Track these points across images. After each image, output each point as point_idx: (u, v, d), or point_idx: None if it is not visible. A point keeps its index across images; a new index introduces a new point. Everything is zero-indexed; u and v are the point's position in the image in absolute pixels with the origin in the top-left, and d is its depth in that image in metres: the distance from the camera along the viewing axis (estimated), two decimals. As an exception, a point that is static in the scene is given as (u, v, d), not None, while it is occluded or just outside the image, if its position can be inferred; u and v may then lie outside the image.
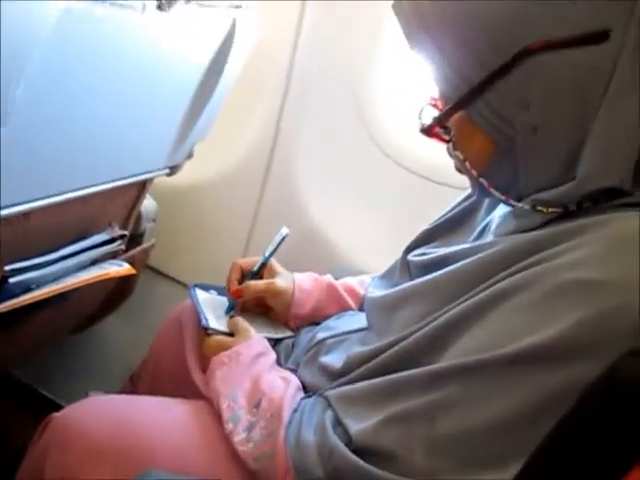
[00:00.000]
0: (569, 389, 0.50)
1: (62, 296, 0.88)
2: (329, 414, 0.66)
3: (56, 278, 0.89)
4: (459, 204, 0.82)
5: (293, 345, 0.91)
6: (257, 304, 0.97)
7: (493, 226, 0.70)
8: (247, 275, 0.96)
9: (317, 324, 0.93)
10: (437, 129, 0.66)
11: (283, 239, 0.98)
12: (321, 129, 1.28)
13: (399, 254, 1.19)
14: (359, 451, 0.60)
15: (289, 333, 0.95)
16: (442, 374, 0.58)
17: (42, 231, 0.86)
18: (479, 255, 0.62)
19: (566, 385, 0.51)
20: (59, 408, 1.35)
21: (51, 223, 0.87)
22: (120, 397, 0.81)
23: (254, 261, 0.97)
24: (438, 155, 1.22)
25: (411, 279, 0.75)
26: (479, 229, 0.74)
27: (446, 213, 0.83)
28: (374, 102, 1.26)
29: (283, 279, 0.94)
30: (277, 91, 1.27)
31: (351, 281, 0.99)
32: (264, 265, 0.96)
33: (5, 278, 0.79)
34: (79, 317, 1.21)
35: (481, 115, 0.61)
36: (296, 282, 0.95)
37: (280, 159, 1.30)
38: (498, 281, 0.58)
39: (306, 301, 0.94)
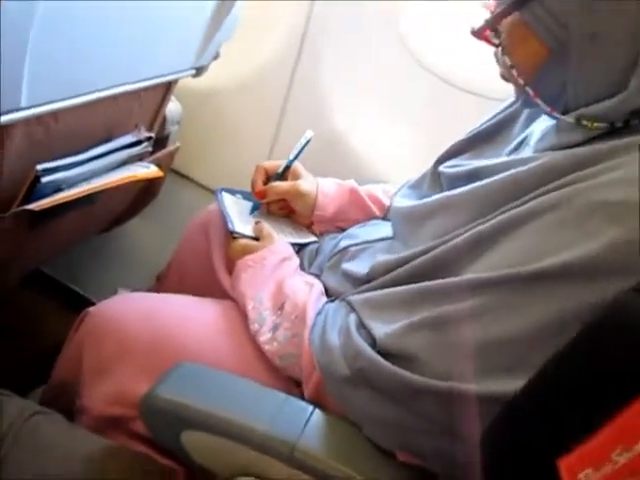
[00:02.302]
0: (593, 308, 0.50)
1: (90, 197, 0.89)
2: (353, 317, 0.69)
3: (85, 179, 0.90)
4: (495, 116, 0.80)
5: (317, 251, 0.93)
6: (281, 207, 0.98)
7: (532, 140, 0.68)
8: (271, 177, 0.97)
9: (341, 231, 0.95)
10: (488, 32, 0.64)
11: (308, 142, 0.97)
12: (350, 32, 1.23)
13: (423, 164, 1.19)
14: (383, 353, 0.63)
15: (313, 239, 0.97)
16: (471, 285, 0.59)
17: (71, 132, 0.86)
18: (516, 169, 0.62)
19: (590, 303, 0.52)
20: (89, 303, 1.43)
21: (79, 124, 0.87)
22: (151, 294, 0.85)
23: (278, 164, 0.97)
24: (471, 63, 1.19)
25: (442, 191, 0.75)
26: (516, 142, 0.72)
27: (481, 125, 0.81)
28: (407, 5, 1.20)
29: (307, 182, 0.95)
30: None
31: (374, 189, 0.99)
32: (288, 168, 0.97)
33: (37, 177, 0.80)
34: (106, 218, 1.23)
35: (536, 17, 0.59)
36: (319, 185, 0.95)
37: (306, 62, 1.26)
38: (534, 198, 0.58)
39: (329, 204, 0.95)
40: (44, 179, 0.81)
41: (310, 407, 0.59)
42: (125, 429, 0.71)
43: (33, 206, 0.78)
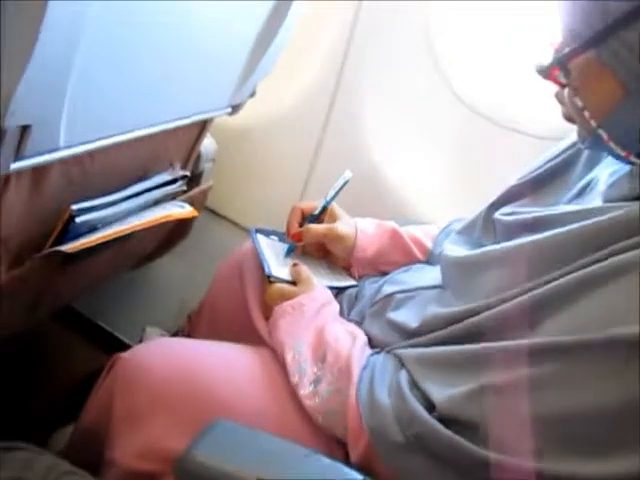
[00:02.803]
0: None
1: (125, 236, 0.88)
2: (404, 375, 0.64)
3: (120, 218, 0.89)
4: (552, 159, 0.75)
5: (356, 296, 0.89)
6: (317, 249, 0.95)
7: (601, 187, 0.64)
8: (307, 219, 0.94)
9: (382, 274, 0.91)
10: (556, 71, 0.60)
11: (346, 183, 0.95)
12: (388, 70, 1.21)
13: (461, 201, 1.15)
14: (441, 419, 0.58)
15: (352, 282, 0.93)
16: (544, 350, 0.54)
17: (106, 171, 0.85)
18: (588, 221, 0.57)
19: None
20: (116, 340, 1.41)
21: (115, 163, 0.86)
22: (184, 340, 0.82)
23: (315, 205, 0.94)
24: (512, 99, 1.17)
25: (496, 239, 0.71)
26: (578, 188, 0.68)
27: (536, 168, 0.77)
28: (447, 40, 1.18)
29: (344, 224, 0.92)
30: (343, 27, 1.20)
31: (415, 231, 0.96)
32: (325, 209, 0.94)
33: (72, 217, 0.79)
34: (138, 255, 1.21)
35: (615, 55, 0.55)
36: (358, 225, 0.92)
37: (343, 100, 1.24)
38: (614, 254, 0.53)
39: (369, 244, 0.91)
40: (79, 219, 0.80)
41: (360, 477, 0.55)
42: (156, 486, 0.67)
43: (66, 248, 0.77)
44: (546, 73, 0.61)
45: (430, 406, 0.60)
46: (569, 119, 0.63)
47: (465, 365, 0.60)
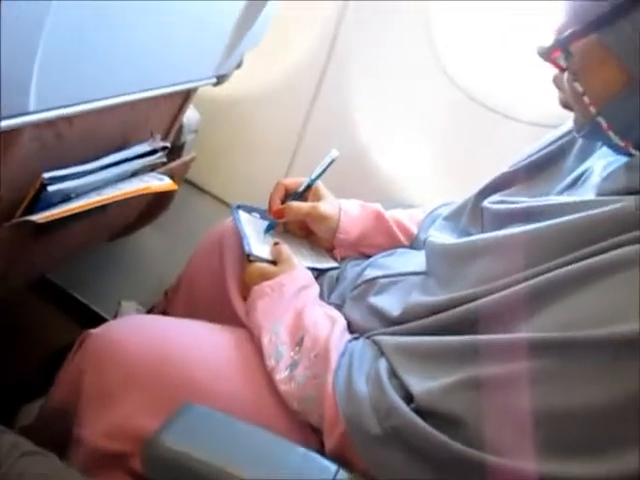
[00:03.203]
0: None
1: (101, 207, 0.84)
2: (383, 364, 0.62)
3: (95, 188, 0.85)
4: (544, 147, 0.73)
5: (338, 278, 0.87)
6: (300, 227, 0.92)
7: (595, 178, 0.62)
8: (291, 196, 0.91)
9: (364, 257, 0.89)
10: (557, 53, 0.57)
11: (332, 162, 0.92)
12: (382, 48, 1.18)
13: (448, 186, 1.13)
14: (420, 412, 0.56)
15: (334, 264, 0.91)
16: (537, 344, 0.52)
17: (84, 138, 0.81)
18: (582, 214, 0.55)
19: None
20: (92, 313, 1.39)
21: (92, 130, 0.82)
22: (158, 318, 0.79)
23: (299, 182, 0.92)
24: (506, 84, 1.14)
25: (483, 227, 0.69)
26: (571, 178, 0.66)
27: (527, 156, 0.75)
28: (444, 22, 1.14)
29: (328, 204, 0.89)
30: (335, 5, 1.16)
31: (400, 214, 0.94)
32: (309, 187, 0.91)
33: (44, 186, 0.75)
34: (115, 227, 1.18)
35: (620, 39, 0.53)
36: (342, 207, 0.90)
37: (334, 75, 1.21)
38: (610, 248, 0.51)
39: (352, 227, 0.89)
40: (51, 188, 0.76)
41: (333, 467, 0.53)
42: (123, 466, 0.65)
43: (36, 218, 0.73)
44: (546, 55, 0.58)
45: (409, 397, 0.58)
46: (566, 105, 0.61)
47: (447, 357, 0.58)
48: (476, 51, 1.14)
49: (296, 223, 0.92)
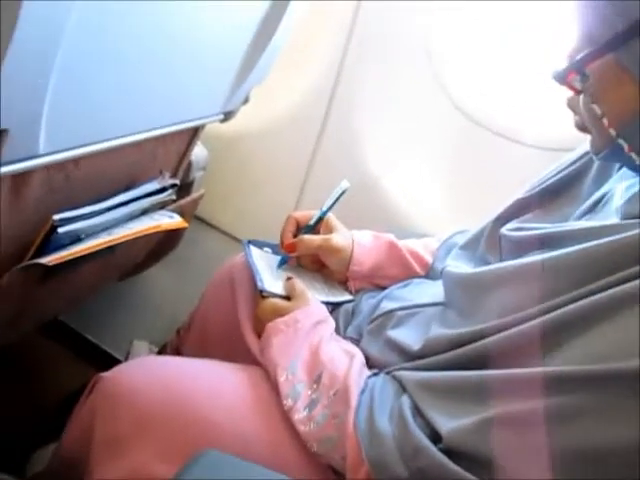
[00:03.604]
0: None
1: (111, 247, 0.84)
2: (406, 401, 0.60)
3: (106, 228, 0.85)
4: (560, 171, 0.72)
5: (353, 311, 0.85)
6: (312, 261, 0.91)
7: (617, 202, 0.60)
8: (302, 229, 0.90)
9: (379, 289, 0.87)
10: (572, 76, 0.56)
11: (343, 193, 0.91)
12: (385, 78, 1.18)
13: (464, 216, 1.12)
14: (448, 452, 0.54)
15: (348, 297, 0.89)
16: (565, 378, 0.50)
17: (92, 179, 0.81)
18: (607, 239, 0.53)
19: None
20: (103, 354, 1.37)
21: (101, 170, 0.82)
22: (170, 359, 0.77)
23: (311, 214, 0.91)
24: (512, 109, 1.14)
25: (502, 255, 0.67)
26: (590, 202, 0.64)
27: (543, 180, 0.73)
28: (446, 49, 1.15)
29: (340, 236, 0.88)
30: (340, 35, 1.17)
31: (414, 244, 0.92)
32: (321, 219, 0.90)
33: (54, 227, 0.74)
34: (125, 266, 1.17)
35: (637, 58, 0.51)
36: (355, 238, 0.88)
37: (340, 107, 1.21)
38: (635, 276, 0.49)
39: (366, 258, 0.87)
40: (61, 229, 0.76)
41: (358, 513, 0.50)
42: (138, 515, 0.63)
43: (45, 261, 0.72)
44: (562, 78, 0.57)
45: (435, 437, 0.56)
46: (582, 129, 0.60)
47: (473, 393, 0.56)
48: (480, 77, 1.14)
49: (308, 257, 0.90)
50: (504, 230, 0.70)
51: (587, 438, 0.48)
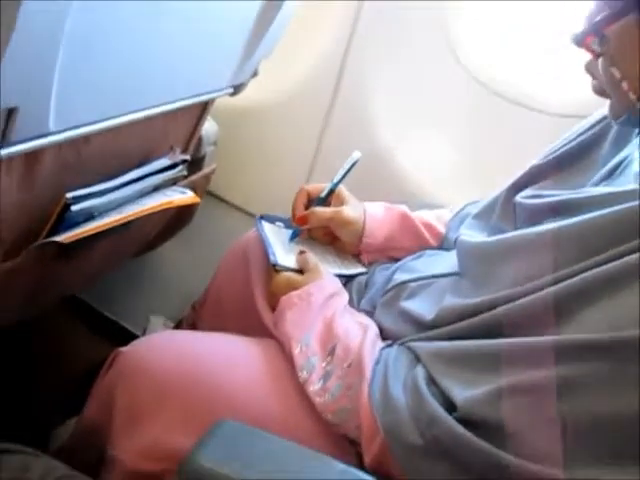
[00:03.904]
0: None
1: (124, 224, 0.84)
2: (420, 371, 0.60)
3: (118, 205, 0.85)
4: (576, 136, 0.70)
5: (366, 284, 0.85)
6: (325, 233, 0.91)
7: (636, 166, 0.58)
8: (314, 201, 0.90)
9: (392, 261, 0.87)
10: (591, 38, 0.55)
11: (354, 164, 0.91)
12: (396, 47, 1.16)
13: (473, 184, 1.11)
14: (463, 420, 0.54)
15: (361, 269, 0.89)
16: (578, 347, 0.50)
17: (104, 156, 0.81)
18: (622, 206, 0.52)
19: None
20: (121, 329, 1.39)
21: (112, 147, 0.82)
22: (187, 333, 0.78)
23: (322, 187, 0.90)
24: (527, 76, 1.11)
25: (517, 224, 0.66)
26: (608, 168, 0.63)
27: (559, 147, 0.72)
28: (460, 16, 1.12)
29: (352, 208, 0.88)
30: (350, 6, 1.15)
31: (427, 215, 0.92)
32: (332, 191, 0.90)
33: (67, 205, 0.75)
34: (139, 242, 1.18)
35: None
36: (367, 210, 0.88)
37: (350, 78, 1.19)
38: None
39: (378, 229, 0.87)
40: (74, 207, 0.76)
41: (375, 483, 0.51)
42: (160, 485, 0.64)
43: (61, 238, 0.73)
44: (580, 41, 0.56)
45: (449, 405, 0.56)
46: (600, 93, 0.59)
47: (487, 362, 0.56)
48: (494, 43, 1.12)
49: (320, 229, 0.90)
50: (519, 198, 0.69)
51: (600, 406, 0.48)
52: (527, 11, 1.09)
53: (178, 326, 1.13)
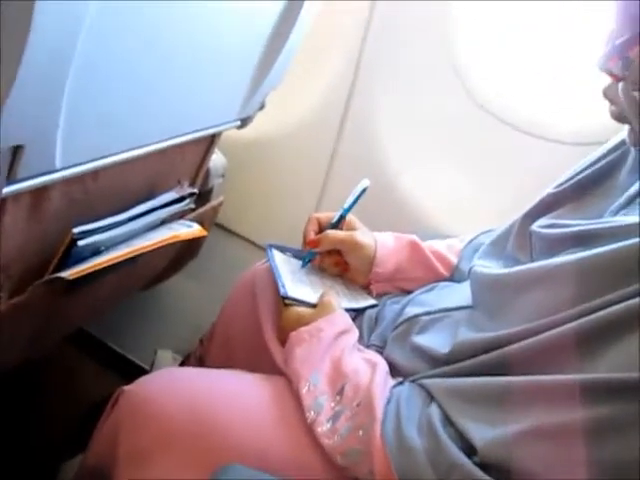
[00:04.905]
0: None
1: (131, 258, 0.83)
2: (435, 411, 0.58)
3: (125, 239, 0.84)
4: (592, 164, 0.69)
5: (377, 318, 0.83)
6: (335, 262, 0.89)
7: None
8: (324, 229, 0.89)
9: (403, 293, 0.85)
10: (615, 62, 0.54)
11: (364, 191, 0.90)
12: (404, 76, 1.16)
13: (486, 216, 1.09)
14: (483, 465, 0.51)
15: (371, 301, 0.87)
16: (607, 387, 0.47)
17: (111, 190, 0.81)
18: None
19: None
20: (128, 362, 1.37)
21: (120, 182, 0.82)
22: (192, 372, 0.76)
23: (332, 215, 0.90)
24: (534, 103, 1.11)
25: (533, 254, 0.64)
26: (626, 197, 0.61)
27: (575, 174, 0.70)
28: (465, 45, 1.12)
29: (363, 234, 0.87)
30: (355, 36, 1.15)
31: (438, 245, 0.90)
32: (343, 218, 0.89)
33: (74, 240, 0.74)
34: (147, 276, 1.17)
35: None
36: (377, 238, 0.87)
37: (357, 109, 1.19)
38: None
39: (388, 259, 0.86)
40: (81, 242, 0.75)
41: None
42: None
43: (68, 274, 0.72)
44: (603, 64, 0.55)
45: (468, 447, 0.54)
46: (619, 119, 0.57)
47: (507, 401, 0.53)
48: (502, 71, 1.12)
49: (331, 258, 0.89)
50: (535, 227, 0.67)
51: (628, 451, 0.46)
52: (536, 39, 1.09)
53: (185, 361, 1.11)
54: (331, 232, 0.86)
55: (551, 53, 1.07)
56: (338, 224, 0.89)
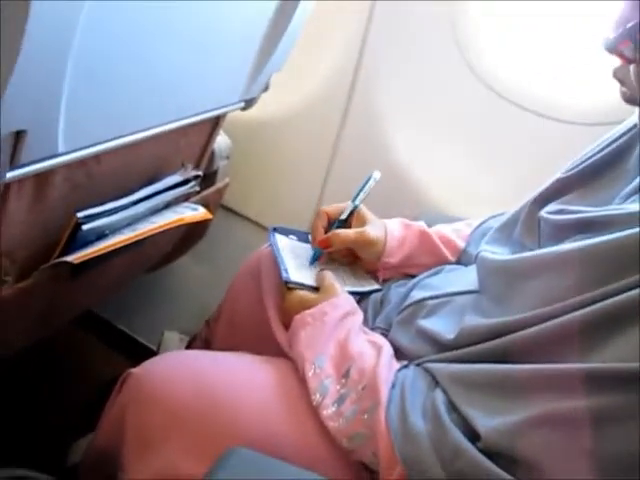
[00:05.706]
0: None
1: (136, 241, 0.84)
2: (440, 396, 0.58)
3: (130, 223, 0.84)
4: (603, 148, 0.67)
5: (382, 301, 0.83)
6: (344, 254, 0.88)
7: None
8: (334, 223, 0.87)
9: (408, 277, 0.85)
10: (625, 45, 0.53)
11: (374, 183, 0.89)
12: (409, 57, 1.15)
13: (497, 199, 1.08)
14: (488, 453, 0.51)
15: (376, 286, 0.87)
16: (612, 376, 0.47)
17: (114, 174, 0.80)
18: None
19: None
20: (136, 343, 1.38)
21: (123, 165, 0.81)
22: (198, 354, 0.76)
23: (341, 208, 0.88)
24: (543, 83, 1.09)
25: (540, 240, 0.64)
26: (636, 182, 0.59)
27: (585, 159, 0.68)
28: (472, 24, 1.10)
29: (374, 227, 0.85)
30: (361, 15, 1.13)
31: (445, 229, 0.89)
32: (352, 212, 0.87)
33: (79, 225, 0.74)
34: (153, 258, 1.17)
35: None
36: (388, 229, 0.85)
37: (362, 90, 1.18)
38: None
39: (398, 249, 0.85)
40: (85, 226, 0.75)
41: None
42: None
43: (73, 258, 0.72)
44: (613, 47, 0.53)
45: (471, 434, 0.54)
46: (631, 100, 0.56)
47: (512, 389, 0.53)
48: (509, 51, 1.10)
49: (342, 250, 0.88)
50: (543, 213, 0.66)
51: (627, 441, 0.46)
52: (542, 19, 1.07)
53: (192, 342, 1.12)
54: (342, 232, 0.84)
55: (560, 32, 1.05)
56: (348, 218, 0.87)
